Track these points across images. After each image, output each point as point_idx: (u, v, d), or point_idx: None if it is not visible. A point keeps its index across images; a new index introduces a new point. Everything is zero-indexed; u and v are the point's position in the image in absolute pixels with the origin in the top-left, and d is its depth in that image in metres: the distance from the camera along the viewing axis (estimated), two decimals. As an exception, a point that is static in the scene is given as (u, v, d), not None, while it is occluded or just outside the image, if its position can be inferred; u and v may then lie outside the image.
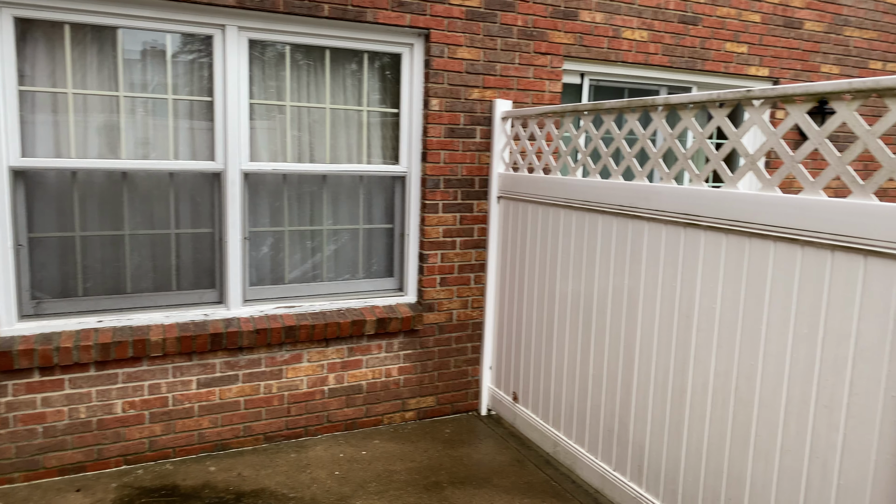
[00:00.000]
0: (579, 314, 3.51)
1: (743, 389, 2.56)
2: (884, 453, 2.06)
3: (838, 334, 2.21)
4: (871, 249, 2.11)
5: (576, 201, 3.48)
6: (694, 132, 2.82)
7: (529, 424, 3.95)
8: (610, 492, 3.27)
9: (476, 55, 4.03)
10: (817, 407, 2.27)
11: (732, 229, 2.60)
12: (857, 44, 5.47)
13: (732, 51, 4.94)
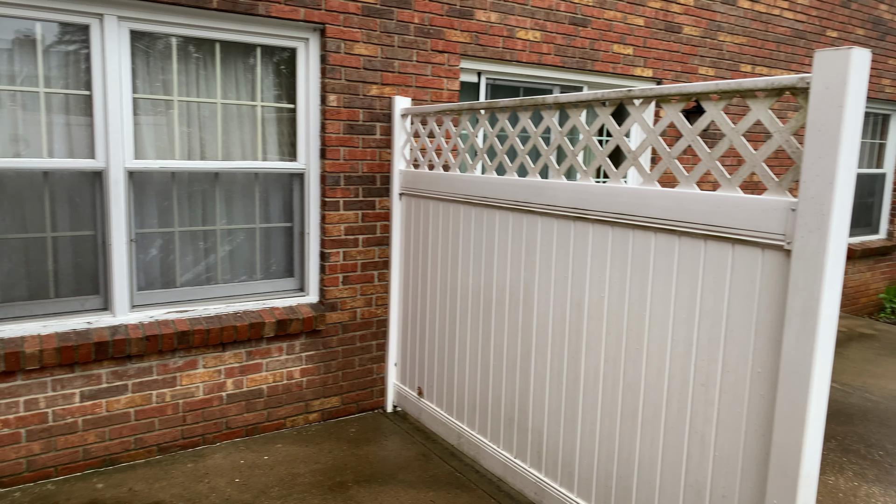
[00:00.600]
0: (480, 307, 3.58)
1: (630, 374, 2.71)
2: (753, 424, 2.25)
3: (712, 317, 2.39)
4: (737, 238, 2.29)
5: (474, 197, 3.55)
6: (581, 130, 2.94)
7: (434, 418, 3.99)
8: (512, 479, 3.37)
9: (374, 51, 4.01)
10: (695, 385, 2.45)
11: (618, 222, 2.74)
12: (729, 48, 5.91)
13: (619, 52, 5.19)
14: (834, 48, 1.96)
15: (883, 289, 7.95)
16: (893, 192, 7.92)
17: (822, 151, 2.00)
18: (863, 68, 1.96)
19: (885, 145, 7.87)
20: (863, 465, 3.77)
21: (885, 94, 7.39)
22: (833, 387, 5.01)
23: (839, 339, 6.33)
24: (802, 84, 2.08)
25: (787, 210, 2.13)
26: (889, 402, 4.74)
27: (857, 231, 7.72)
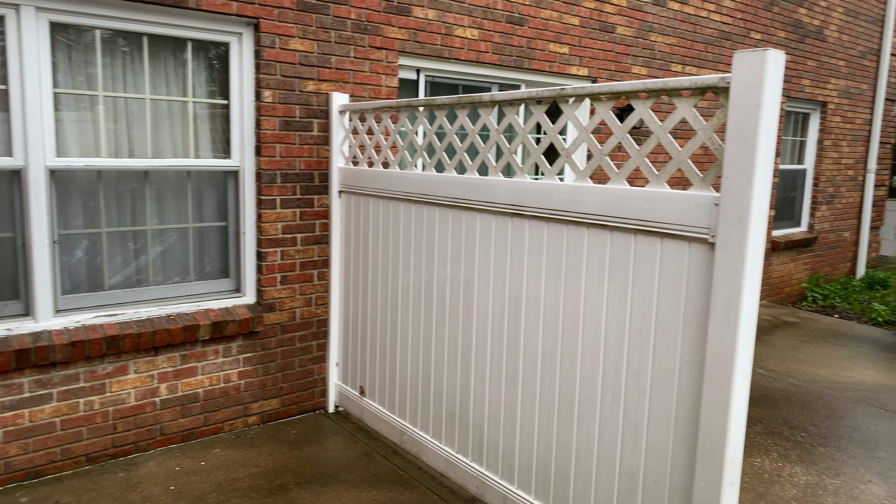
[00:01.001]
0: (421, 305, 3.58)
1: (567, 366, 2.77)
2: (682, 412, 2.34)
3: (643, 309, 2.46)
4: (666, 232, 2.37)
5: (414, 194, 3.55)
6: (517, 128, 2.98)
7: (377, 417, 3.98)
8: (454, 474, 3.39)
9: (310, 47, 3.95)
10: (628, 376, 2.52)
11: (553, 218, 2.79)
12: (661, 48, 6.10)
13: (556, 51, 5.29)
14: (751, 49, 2.05)
15: (805, 279, 8.39)
16: (814, 187, 8.36)
17: (742, 148, 2.09)
18: (778, 69, 2.06)
19: (805, 142, 8.29)
20: (786, 446, 3.97)
21: (805, 94, 7.79)
22: (759, 373, 5.26)
23: (765, 327, 6.64)
24: (723, 84, 2.17)
25: (711, 204, 2.22)
26: (810, 385, 5.01)
27: (781, 224, 8.11)
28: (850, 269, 9.31)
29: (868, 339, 6.37)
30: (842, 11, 8.09)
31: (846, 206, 8.96)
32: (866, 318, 7.25)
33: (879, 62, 8.88)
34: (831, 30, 8.00)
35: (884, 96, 8.97)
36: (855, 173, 8.98)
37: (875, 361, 5.66)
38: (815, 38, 7.78)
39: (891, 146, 9.54)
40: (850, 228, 9.12)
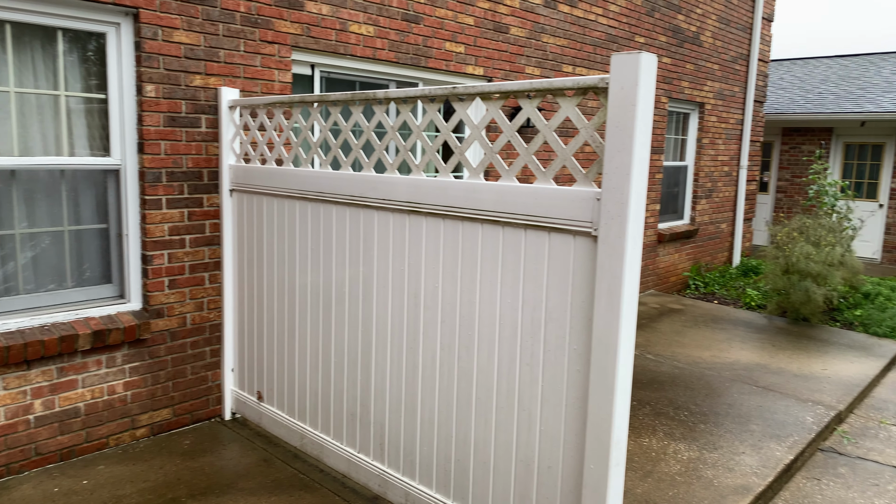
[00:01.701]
0: (319, 305, 3.52)
1: (464, 359, 2.81)
2: (572, 398, 2.44)
3: (534, 301, 2.55)
4: (553, 226, 2.46)
5: (309, 192, 3.48)
6: (411, 125, 3.00)
7: (276, 422, 3.87)
8: (356, 474, 3.37)
9: (196, 40, 3.78)
10: (521, 365, 2.60)
11: (449, 214, 2.83)
12: (552, 49, 6.32)
13: (452, 50, 5.35)
14: (626, 52, 2.16)
15: (688, 268, 8.99)
16: (694, 182, 8.96)
17: (620, 146, 2.21)
18: (651, 70, 2.18)
19: (686, 140, 8.87)
20: (671, 425, 4.24)
21: (685, 95, 8.33)
22: (648, 358, 5.58)
23: (653, 314, 7.06)
24: (602, 84, 2.28)
25: (594, 199, 2.32)
26: (693, 368, 5.38)
27: (666, 217, 8.64)
28: (728, 258, 10.06)
29: (743, 322, 6.92)
30: (715, 19, 8.71)
31: (723, 199, 9.68)
32: (741, 303, 7.87)
33: (749, 66, 9.64)
34: (707, 35, 8.59)
35: (753, 98, 9.76)
36: (730, 169, 9.71)
37: (749, 342, 6.16)
38: (693, 42, 8.33)
39: (760, 144, 10.39)
40: (726, 220, 9.86)
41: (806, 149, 12.42)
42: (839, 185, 8.68)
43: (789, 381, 5.11)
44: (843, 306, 7.52)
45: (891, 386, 5.44)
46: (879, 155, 11.68)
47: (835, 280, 6.86)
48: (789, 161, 12.66)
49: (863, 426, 4.60)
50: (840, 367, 5.52)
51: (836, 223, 7.62)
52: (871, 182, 11.78)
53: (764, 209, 13.08)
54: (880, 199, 11.68)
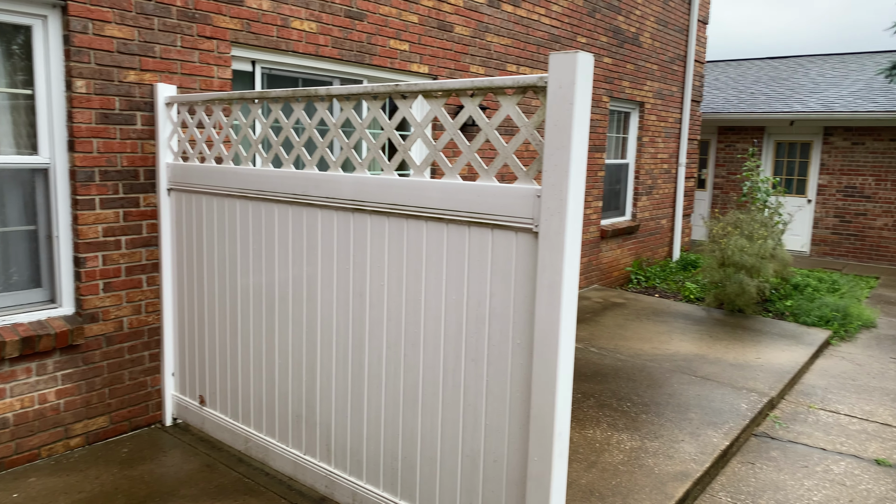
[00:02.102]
0: (263, 306, 3.46)
1: (410, 357, 2.82)
2: (516, 392, 2.47)
3: (478, 297, 2.57)
4: (496, 223, 2.49)
5: (250, 191, 3.42)
6: (354, 122, 2.98)
7: (219, 426, 3.79)
8: (303, 476, 3.33)
9: (129, 34, 3.65)
10: (467, 361, 2.62)
11: (393, 212, 2.83)
12: (496, 48, 6.38)
13: (396, 48, 5.34)
14: (564, 52, 2.21)
15: (631, 263, 9.23)
16: (635, 180, 9.21)
17: (559, 144, 2.25)
18: (588, 70, 2.23)
19: (627, 139, 9.11)
20: (615, 416, 4.35)
21: (626, 95, 8.55)
22: (592, 351, 5.71)
23: (596, 308, 7.22)
24: (541, 83, 2.32)
25: (534, 196, 2.36)
26: (635, 360, 5.53)
27: (609, 214, 8.85)
28: (668, 252, 10.38)
29: (682, 314, 7.15)
30: (654, 20, 8.97)
31: (663, 196, 9.98)
32: (681, 296, 8.13)
33: (686, 67, 9.97)
34: (646, 37, 8.84)
35: (690, 98, 10.09)
36: (669, 167, 10.02)
37: (688, 334, 6.38)
38: (633, 43, 8.55)
39: (698, 142, 10.75)
40: (666, 216, 10.17)
41: (740, 147, 12.93)
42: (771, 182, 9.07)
43: (726, 371, 5.32)
44: (774, 297, 7.87)
45: (818, 372, 5.72)
46: (808, 153, 12.26)
47: (767, 272, 7.17)
48: (725, 159, 13.15)
49: (793, 411, 4.83)
50: (772, 356, 5.77)
51: (768, 218, 7.97)
52: (800, 178, 12.36)
53: (702, 205, 13.55)
54: (808, 194, 12.26)
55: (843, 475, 3.88)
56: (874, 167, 11.50)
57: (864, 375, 5.67)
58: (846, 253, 11.89)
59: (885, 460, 4.07)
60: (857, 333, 6.98)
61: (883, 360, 6.13)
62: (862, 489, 3.72)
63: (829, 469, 3.95)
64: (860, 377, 5.62)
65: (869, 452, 4.19)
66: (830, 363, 5.98)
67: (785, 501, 3.56)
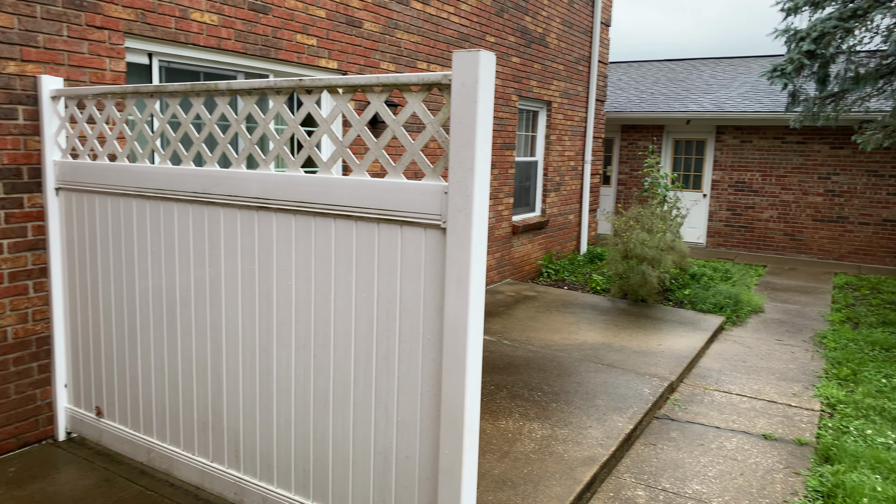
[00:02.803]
0: (163, 311, 3.31)
1: (321, 357, 2.78)
2: (427, 387, 2.49)
3: (388, 294, 2.57)
4: (405, 220, 2.49)
5: (147, 190, 3.25)
6: (257, 118, 2.89)
7: (119, 438, 3.59)
8: (210, 484, 3.21)
9: (8, 22, 3.38)
10: (378, 359, 2.61)
11: (300, 210, 2.77)
12: (407, 46, 6.38)
13: (303, 42, 5.23)
14: (466, 50, 2.24)
15: (541, 257, 9.50)
16: (544, 177, 9.48)
17: (464, 141, 2.29)
18: (490, 68, 2.28)
19: (535, 137, 9.35)
20: (526, 406, 4.47)
21: (534, 94, 8.78)
22: (505, 344, 5.84)
23: (509, 302, 7.39)
24: (446, 81, 2.34)
25: (442, 193, 2.39)
26: (546, 350, 5.70)
27: (520, 210, 9.07)
28: (576, 246, 10.76)
29: (590, 305, 7.44)
30: (560, 22, 9.25)
31: (570, 192, 10.33)
32: (589, 287, 8.46)
33: (590, 68, 10.35)
34: (552, 37, 9.10)
35: (595, 97, 10.49)
36: (576, 164, 10.38)
37: (595, 324, 6.64)
38: (540, 43, 8.79)
39: (602, 140, 11.20)
40: (574, 212, 10.54)
41: (641, 144, 13.58)
42: (670, 178, 9.59)
43: (630, 358, 5.58)
44: (674, 287, 8.33)
45: (713, 356, 6.12)
46: (703, 150, 13.04)
47: (666, 263, 7.58)
48: (628, 156, 13.77)
49: (691, 393, 5.14)
50: (672, 342, 6.11)
51: (667, 212, 8.42)
52: (696, 174, 13.13)
53: (607, 200, 14.13)
54: (704, 189, 13.05)
55: (735, 450, 4.17)
56: (760, 163, 12.38)
57: (754, 357, 6.11)
58: (737, 244, 12.75)
59: (771, 434, 4.41)
60: (747, 318, 7.50)
61: (770, 342, 6.63)
62: (751, 462, 4.01)
63: (723, 446, 4.23)
64: (750, 359, 6.05)
65: (757, 428, 4.52)
66: (724, 347, 6.40)
67: (683, 478, 3.78)
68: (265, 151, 5.58)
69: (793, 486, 3.74)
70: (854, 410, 4.84)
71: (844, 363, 5.93)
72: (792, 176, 12.10)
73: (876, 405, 4.91)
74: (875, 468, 3.91)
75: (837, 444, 4.21)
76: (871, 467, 3.92)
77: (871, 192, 11.46)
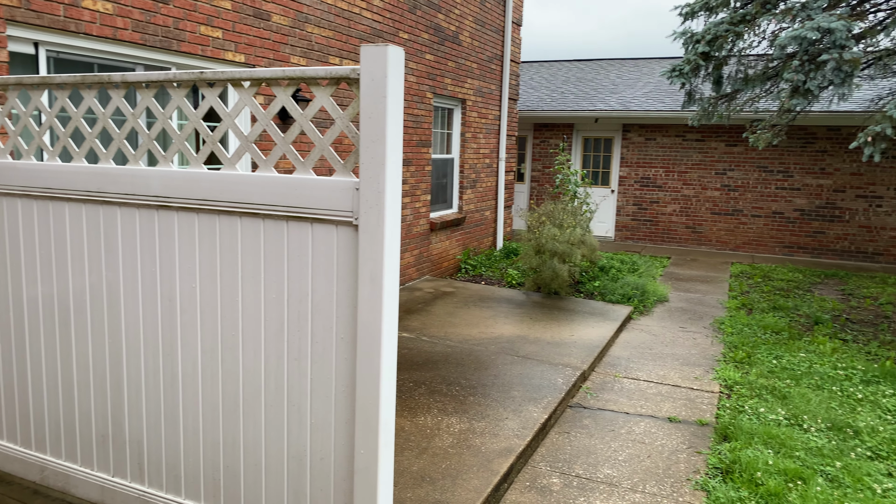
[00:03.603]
0: (55, 319, 3.08)
1: (229, 360, 2.68)
2: (341, 386, 2.45)
3: (299, 294, 2.51)
4: (315, 217, 2.44)
5: (34, 189, 3.02)
6: (156, 112, 2.75)
7: (7, 456, 3.32)
8: (112, 500, 3.03)
9: None
10: (289, 360, 2.55)
11: (203, 208, 2.66)
12: (318, 40, 6.26)
13: (208, 34, 5.02)
14: (375, 44, 2.21)
15: (459, 253, 9.59)
16: (460, 174, 9.57)
17: (374, 136, 2.26)
18: (399, 63, 2.26)
19: (451, 134, 9.42)
20: (444, 401, 4.50)
21: (449, 91, 8.83)
22: (423, 340, 5.85)
23: (427, 298, 7.41)
24: (354, 75, 2.31)
25: (353, 189, 2.35)
26: (464, 345, 5.76)
27: (437, 207, 9.11)
28: (492, 242, 10.94)
29: (506, 299, 7.58)
30: (472, 20, 9.35)
31: (486, 189, 10.48)
32: (505, 282, 8.61)
33: (503, 66, 10.53)
34: (465, 35, 9.19)
35: (508, 96, 10.69)
36: (491, 161, 10.54)
37: (511, 317, 6.77)
38: (453, 41, 8.85)
39: (516, 138, 11.43)
40: (490, 208, 10.70)
41: (553, 142, 13.96)
42: (580, 174, 9.91)
43: (544, 349, 5.72)
44: (584, 279, 8.63)
45: (622, 344, 6.38)
46: (610, 147, 13.57)
47: (577, 257, 7.84)
48: (540, 154, 14.13)
49: (602, 381, 5.33)
50: (584, 333, 6.32)
51: (577, 207, 8.70)
52: (604, 171, 13.65)
53: (521, 197, 14.45)
54: (612, 185, 13.59)
55: (643, 434, 4.37)
56: (664, 160, 13.03)
57: (659, 344, 6.42)
58: (644, 237, 13.36)
59: (675, 417, 4.65)
60: (653, 308, 7.88)
61: (674, 329, 6.99)
62: (658, 444, 4.22)
63: (632, 430, 4.42)
64: (656, 346, 6.36)
65: (663, 412, 4.75)
66: (632, 336, 6.70)
67: (595, 464, 3.92)
68: (166, 148, 5.32)
69: (695, 465, 3.95)
70: (748, 390, 5.19)
71: (740, 347, 6.34)
72: (692, 172, 12.80)
73: (767, 385, 5.28)
74: (767, 443, 4.20)
75: (734, 422, 4.50)
76: (764, 443, 4.21)
77: (762, 186, 12.31)
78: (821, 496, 3.55)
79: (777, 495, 3.56)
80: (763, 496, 3.57)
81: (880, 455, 4.14)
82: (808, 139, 11.86)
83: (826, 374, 5.58)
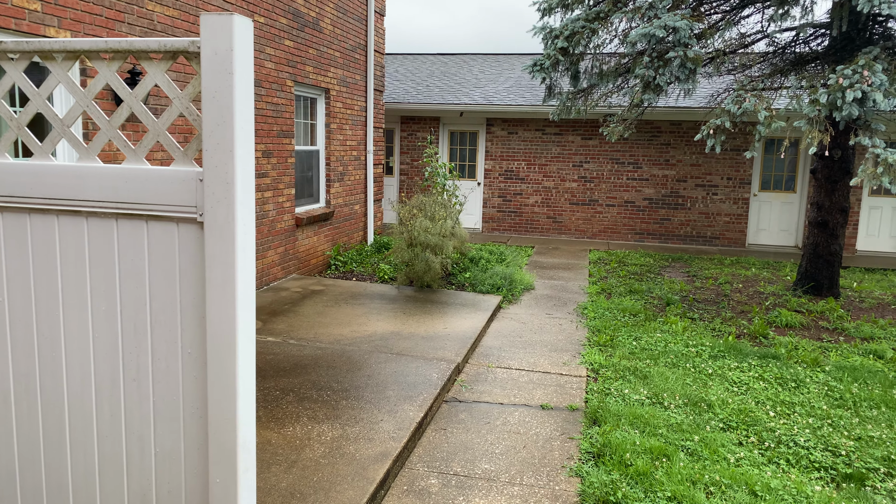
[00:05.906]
0: None
1: (50, 387, 2.25)
2: (190, 409, 2.14)
3: (135, 304, 2.15)
4: (151, 214, 2.10)
5: None
6: (-60, 89, 2.25)
7: None
8: None
9: None
10: (126, 382, 2.19)
11: (9, 206, 2.21)
12: (161, 19, 5.66)
13: (23, 6, 4.33)
14: (218, 13, 1.92)
15: (329, 249, 9.24)
16: (326, 167, 9.20)
17: (220, 119, 1.97)
18: (247, 35, 1.98)
19: (316, 125, 9.03)
20: (315, 408, 4.23)
21: (311, 80, 8.43)
22: (291, 343, 5.51)
23: (295, 298, 7.04)
24: (194, 48, 2.00)
25: (196, 181, 2.05)
26: (335, 346, 5.49)
27: (303, 201, 8.70)
28: (363, 237, 10.68)
29: (378, 295, 7.39)
30: (333, 7, 8.99)
31: (354, 182, 10.19)
32: (377, 277, 8.41)
33: (367, 57, 10.27)
34: (326, 22, 8.82)
35: (373, 87, 10.45)
36: (358, 154, 10.26)
37: (384, 313, 6.59)
38: (314, 28, 8.46)
39: (383, 130, 11.22)
40: (359, 202, 10.43)
41: (421, 135, 13.92)
42: (448, 167, 9.91)
43: (419, 344, 5.61)
44: (456, 271, 8.64)
45: (494, 334, 6.42)
46: (475, 141, 13.77)
47: (449, 249, 7.81)
48: (409, 147, 14.04)
49: (476, 373, 5.31)
50: (457, 325, 6.29)
51: (447, 200, 8.68)
52: (471, 164, 13.83)
53: (391, 190, 14.28)
54: (478, 178, 13.80)
55: (518, 424, 4.37)
56: (525, 153, 13.43)
57: (528, 332, 6.54)
58: (509, 228, 13.72)
59: (547, 404, 4.71)
60: (521, 296, 8.04)
61: (541, 316, 7.16)
62: (532, 434, 4.24)
63: (507, 421, 4.42)
64: (525, 334, 6.47)
65: (536, 400, 4.80)
66: (503, 325, 6.77)
67: (473, 459, 3.85)
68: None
69: (569, 451, 4.01)
70: (613, 373, 5.40)
71: (603, 330, 6.62)
72: (552, 164, 13.31)
73: (630, 366, 5.53)
74: (634, 424, 4.36)
75: (602, 406, 4.64)
76: (631, 423, 4.37)
77: (615, 177, 13.06)
78: (684, 471, 3.72)
79: (645, 474, 3.68)
80: (633, 476, 3.68)
81: (731, 426, 4.45)
82: (654, 133, 12.74)
83: (679, 353, 5.96)
